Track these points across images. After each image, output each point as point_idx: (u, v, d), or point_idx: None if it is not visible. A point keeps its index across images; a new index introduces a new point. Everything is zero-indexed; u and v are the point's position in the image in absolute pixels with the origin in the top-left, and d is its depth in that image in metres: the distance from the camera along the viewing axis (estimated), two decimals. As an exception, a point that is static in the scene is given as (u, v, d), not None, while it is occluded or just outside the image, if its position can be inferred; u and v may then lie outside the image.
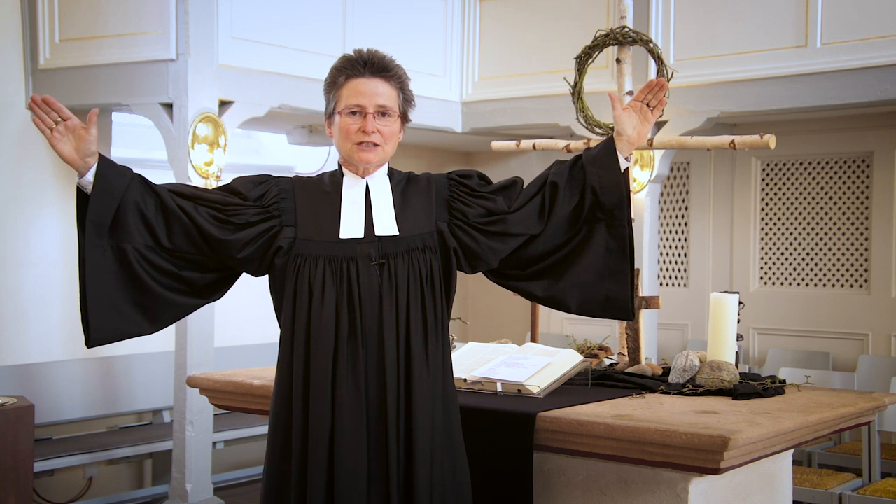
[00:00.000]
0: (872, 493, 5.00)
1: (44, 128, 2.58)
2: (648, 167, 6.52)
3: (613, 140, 2.82)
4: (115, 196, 2.61)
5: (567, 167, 2.82)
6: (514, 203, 2.80)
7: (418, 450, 2.64)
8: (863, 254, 7.22)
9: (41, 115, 2.57)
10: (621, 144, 2.81)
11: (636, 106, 2.82)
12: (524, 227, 2.79)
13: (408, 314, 2.68)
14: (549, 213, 2.80)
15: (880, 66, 5.78)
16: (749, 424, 2.74)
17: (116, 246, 2.64)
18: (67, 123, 2.58)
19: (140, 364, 6.51)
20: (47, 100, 2.57)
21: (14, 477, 4.77)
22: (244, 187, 2.75)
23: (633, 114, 2.82)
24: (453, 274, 2.79)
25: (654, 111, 2.82)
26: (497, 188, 2.83)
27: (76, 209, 2.63)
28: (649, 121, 2.82)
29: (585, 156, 2.83)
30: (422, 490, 2.64)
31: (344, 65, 2.74)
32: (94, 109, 2.62)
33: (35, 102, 2.58)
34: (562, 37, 6.82)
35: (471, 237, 2.77)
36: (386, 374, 2.65)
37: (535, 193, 2.81)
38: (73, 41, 6.09)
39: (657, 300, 3.77)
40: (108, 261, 2.63)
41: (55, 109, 2.57)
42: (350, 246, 2.70)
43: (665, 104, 2.85)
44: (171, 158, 5.77)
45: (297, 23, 6.37)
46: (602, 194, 2.78)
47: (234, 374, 3.60)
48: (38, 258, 6.26)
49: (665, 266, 8.01)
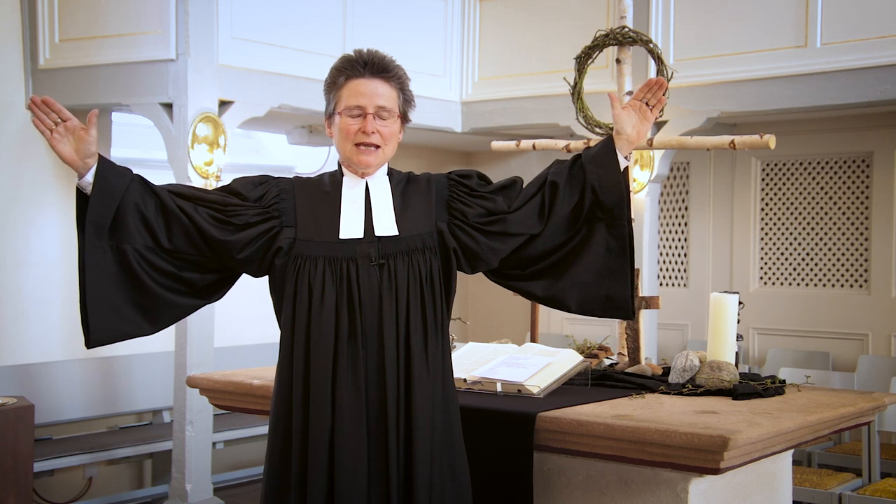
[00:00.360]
0: (872, 493, 5.00)
1: (43, 129, 2.58)
2: (648, 167, 6.52)
3: (613, 139, 2.82)
4: (114, 197, 2.61)
5: (567, 167, 2.82)
6: (514, 203, 2.80)
7: (418, 450, 2.64)
8: (863, 254, 7.22)
9: (41, 116, 2.57)
10: (621, 143, 2.81)
11: (635, 105, 2.82)
12: (524, 226, 2.79)
13: (408, 314, 2.68)
14: (548, 212, 2.79)
15: (880, 66, 5.78)
16: (749, 424, 2.74)
17: (116, 247, 2.64)
18: (67, 124, 2.58)
19: (140, 364, 6.51)
20: (47, 101, 2.57)
21: (14, 477, 4.77)
22: (244, 188, 2.75)
23: (632, 113, 2.81)
24: (453, 274, 2.79)
25: (653, 110, 2.82)
26: (497, 188, 2.83)
27: (76, 210, 2.63)
28: (649, 120, 2.82)
29: (585, 155, 2.83)
30: (421, 490, 2.64)
31: (344, 65, 2.74)
32: (93, 110, 2.62)
33: (35, 103, 2.58)
34: (562, 37, 6.82)
35: (470, 237, 2.77)
36: (386, 375, 2.65)
37: (534, 193, 2.81)
38: (73, 41, 6.09)
39: (657, 300, 3.77)
40: (107, 261, 2.63)
41: (55, 110, 2.57)
42: (350, 246, 2.70)
43: (665, 103, 2.85)
44: (171, 158, 5.77)
45: (297, 23, 6.37)
46: (602, 193, 2.78)
47: (234, 374, 3.60)
48: (38, 258, 6.26)
49: (665, 266, 8.01)
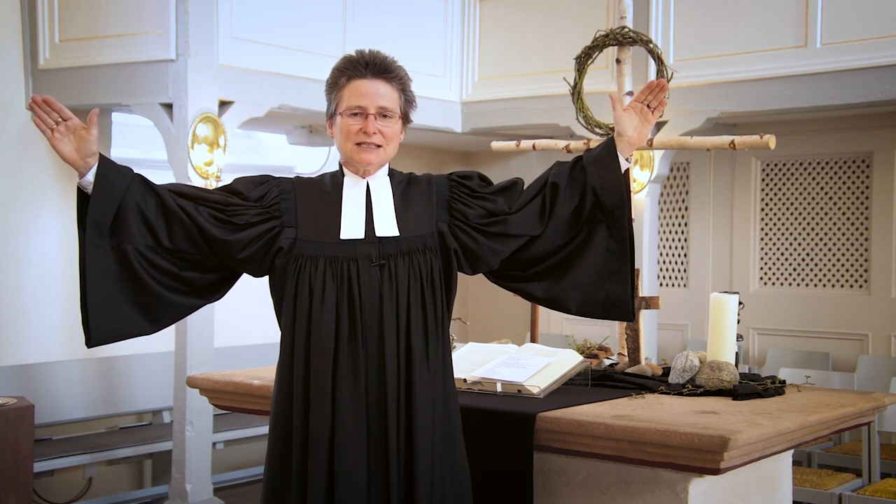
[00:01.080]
0: (872, 494, 5.00)
1: (44, 128, 2.58)
2: (648, 167, 6.52)
3: (614, 141, 2.82)
4: (115, 196, 2.61)
5: (567, 168, 2.82)
6: (515, 204, 2.80)
7: (419, 450, 2.65)
8: (863, 254, 7.22)
9: (42, 116, 2.57)
10: (622, 145, 2.81)
11: (636, 107, 2.82)
12: (525, 228, 2.79)
13: (408, 315, 2.69)
14: (549, 214, 2.80)
15: (880, 66, 5.78)
16: (749, 425, 2.74)
17: (117, 246, 2.64)
18: (68, 124, 2.59)
19: (140, 364, 6.51)
20: (48, 100, 2.57)
21: (14, 477, 4.77)
22: (245, 188, 2.75)
23: (633, 115, 2.82)
24: (454, 275, 2.79)
25: (654, 112, 2.82)
26: (497, 189, 2.83)
27: (77, 209, 2.63)
28: (650, 122, 2.83)
29: (586, 157, 2.83)
30: (422, 489, 2.64)
31: (345, 65, 2.74)
32: (94, 110, 2.62)
33: (35, 103, 2.58)
34: (562, 37, 6.82)
35: (471, 238, 2.77)
36: (386, 375, 2.65)
37: (535, 195, 2.81)
38: (73, 41, 6.09)
39: (657, 300, 3.77)
40: (108, 261, 2.63)
41: (55, 110, 2.58)
42: (351, 247, 2.70)
43: (665, 104, 2.85)
44: (171, 158, 5.77)
45: (297, 23, 6.37)
46: (602, 195, 2.78)
47: (234, 375, 3.60)
48: (38, 258, 6.26)
49: (665, 266, 8.01)
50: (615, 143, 2.81)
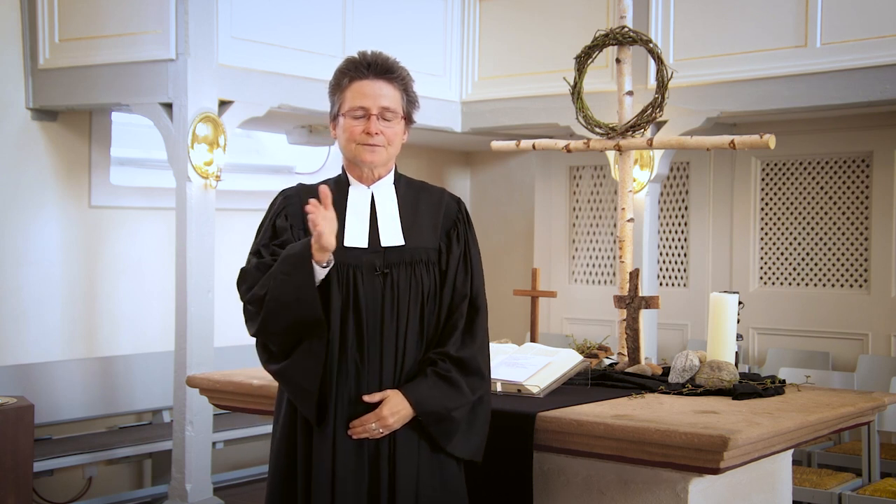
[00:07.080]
0: (872, 493, 5.00)
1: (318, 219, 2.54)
2: (648, 167, 6.52)
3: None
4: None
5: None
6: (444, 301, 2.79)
7: (400, 443, 2.72)
8: (863, 254, 7.22)
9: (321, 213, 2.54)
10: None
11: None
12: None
13: (407, 324, 2.72)
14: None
15: (880, 66, 5.77)
16: (749, 424, 2.74)
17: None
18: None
19: (140, 364, 6.51)
20: (325, 200, 2.54)
21: (14, 477, 4.77)
22: (273, 231, 2.77)
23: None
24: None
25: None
26: (453, 276, 2.80)
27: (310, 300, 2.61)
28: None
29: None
30: (405, 488, 2.70)
31: (348, 67, 2.75)
32: (324, 188, 2.57)
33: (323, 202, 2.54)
34: (562, 37, 6.82)
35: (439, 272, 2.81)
36: (382, 381, 2.70)
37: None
38: (73, 41, 6.08)
39: (657, 300, 3.77)
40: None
41: (325, 205, 2.55)
42: (355, 254, 2.72)
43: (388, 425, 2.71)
44: (171, 158, 5.77)
45: (297, 23, 6.37)
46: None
47: (234, 374, 3.60)
48: (38, 258, 6.26)
49: (665, 266, 8.01)
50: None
